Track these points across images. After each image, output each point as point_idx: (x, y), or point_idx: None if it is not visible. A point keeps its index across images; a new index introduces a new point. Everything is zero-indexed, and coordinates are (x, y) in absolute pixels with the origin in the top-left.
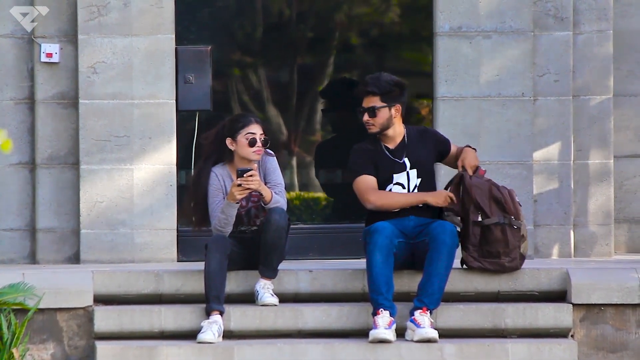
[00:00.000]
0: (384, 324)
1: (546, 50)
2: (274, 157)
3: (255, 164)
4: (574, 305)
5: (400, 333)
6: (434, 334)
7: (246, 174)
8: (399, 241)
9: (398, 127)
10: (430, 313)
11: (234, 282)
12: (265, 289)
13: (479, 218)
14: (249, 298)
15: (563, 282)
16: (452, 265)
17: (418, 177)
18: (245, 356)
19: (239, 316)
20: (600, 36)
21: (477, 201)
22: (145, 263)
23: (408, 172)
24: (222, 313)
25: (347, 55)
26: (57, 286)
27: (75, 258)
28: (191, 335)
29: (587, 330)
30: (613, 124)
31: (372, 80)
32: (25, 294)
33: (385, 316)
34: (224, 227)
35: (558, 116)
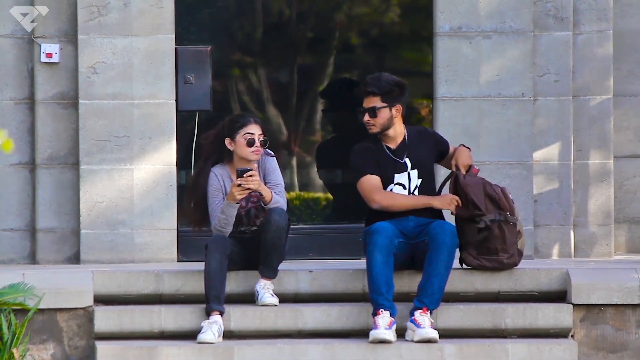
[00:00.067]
0: (384, 324)
1: (546, 50)
2: (274, 158)
3: (254, 164)
4: (574, 305)
5: (400, 333)
6: (434, 334)
7: (246, 174)
8: (399, 241)
9: (399, 127)
10: (430, 313)
11: (234, 282)
12: (265, 289)
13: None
14: (249, 298)
15: (563, 282)
16: (452, 265)
17: (419, 178)
18: (245, 356)
19: (239, 316)
20: (600, 36)
21: (473, 199)
22: (145, 263)
23: (409, 173)
24: (222, 313)
25: (347, 55)
26: (57, 286)
27: (75, 258)
28: (191, 335)
29: (587, 330)
30: (613, 124)
31: (373, 80)
32: (25, 294)
33: (385, 316)
34: (224, 228)
35: (558, 116)
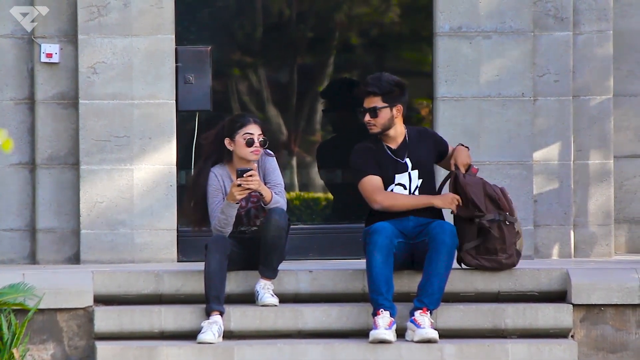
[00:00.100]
0: (384, 325)
1: (546, 50)
2: (274, 158)
3: (254, 164)
4: (574, 305)
5: (400, 333)
6: (434, 335)
7: (246, 174)
8: (399, 241)
9: (399, 127)
10: (430, 313)
11: (234, 282)
12: (265, 289)
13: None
14: (249, 298)
15: (563, 283)
16: (452, 265)
17: (419, 178)
18: (245, 356)
19: (239, 316)
20: (600, 36)
21: (473, 199)
22: (145, 263)
23: (410, 173)
24: (222, 313)
25: (347, 55)
26: (57, 286)
27: (75, 258)
28: (191, 335)
29: (587, 330)
30: (613, 124)
31: (373, 80)
32: (25, 294)
33: (385, 316)
34: (224, 228)
35: (558, 116)
